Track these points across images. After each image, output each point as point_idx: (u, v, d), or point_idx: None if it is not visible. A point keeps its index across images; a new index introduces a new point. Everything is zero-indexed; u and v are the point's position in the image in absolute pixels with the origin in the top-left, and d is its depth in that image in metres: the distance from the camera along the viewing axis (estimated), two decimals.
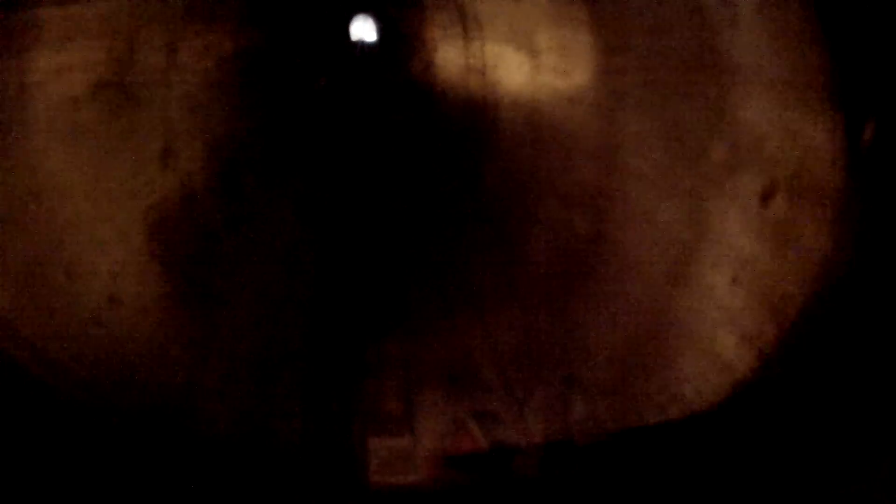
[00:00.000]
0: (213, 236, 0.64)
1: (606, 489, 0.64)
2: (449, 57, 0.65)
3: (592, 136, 0.66)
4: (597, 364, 0.65)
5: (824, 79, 0.68)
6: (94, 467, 0.61)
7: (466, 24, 0.65)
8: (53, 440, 0.61)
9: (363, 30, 0.64)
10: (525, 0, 0.65)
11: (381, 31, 0.64)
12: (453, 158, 0.65)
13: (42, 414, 0.61)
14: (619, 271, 0.66)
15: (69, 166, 0.63)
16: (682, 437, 0.65)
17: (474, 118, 0.65)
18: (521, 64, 0.65)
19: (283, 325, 0.63)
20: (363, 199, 0.64)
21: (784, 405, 0.67)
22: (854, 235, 0.69)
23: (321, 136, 0.64)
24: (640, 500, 0.65)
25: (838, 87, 0.68)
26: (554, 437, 0.64)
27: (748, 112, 0.66)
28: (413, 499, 0.64)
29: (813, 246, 0.67)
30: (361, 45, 0.64)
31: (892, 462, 0.64)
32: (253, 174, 0.64)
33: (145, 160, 0.63)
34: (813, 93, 0.68)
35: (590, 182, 0.65)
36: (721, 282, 0.66)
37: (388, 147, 0.64)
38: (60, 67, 0.62)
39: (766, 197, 0.66)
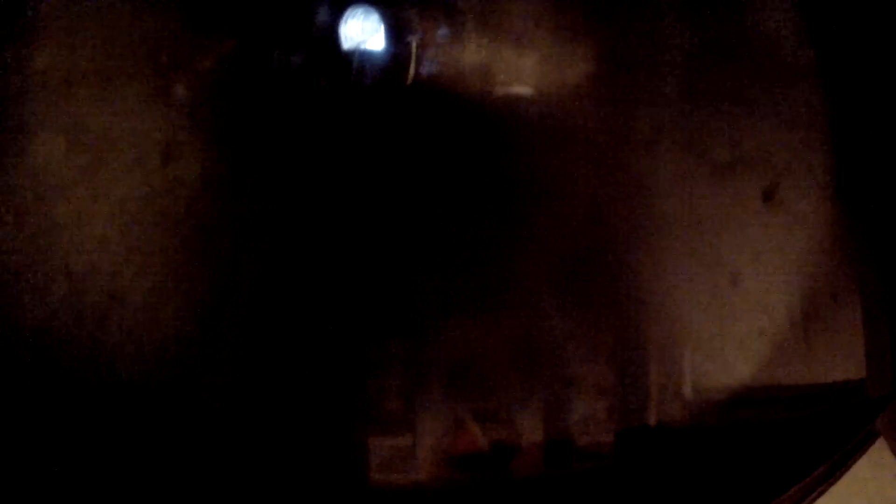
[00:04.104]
0: (214, 235, 0.64)
1: (606, 489, 0.65)
2: (451, 57, 0.65)
3: (594, 136, 0.66)
4: (597, 364, 0.65)
5: (824, 79, 0.68)
6: (98, 470, 0.61)
7: (469, 24, 0.65)
8: (54, 437, 0.61)
9: (364, 31, 0.64)
10: (528, 1, 0.65)
11: (384, 31, 0.64)
12: (454, 159, 0.65)
13: (42, 411, 0.61)
14: (619, 272, 0.66)
15: (69, 166, 0.63)
16: (681, 437, 0.65)
17: (475, 118, 0.65)
18: (523, 64, 0.65)
19: (284, 326, 0.63)
20: (364, 200, 0.64)
21: (783, 404, 0.67)
22: (854, 234, 0.69)
23: (322, 135, 0.64)
24: (641, 500, 0.65)
25: (838, 88, 0.68)
26: (554, 437, 0.64)
27: (749, 112, 0.66)
28: (413, 498, 0.64)
29: (813, 246, 0.68)
30: (360, 54, 0.64)
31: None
32: (253, 174, 0.64)
33: (146, 160, 0.63)
34: (813, 93, 0.68)
35: (591, 182, 0.66)
36: (721, 282, 0.66)
37: (389, 147, 0.64)
38: (62, 68, 0.62)
39: (766, 197, 0.66)
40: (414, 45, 0.64)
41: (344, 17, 0.64)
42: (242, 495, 0.62)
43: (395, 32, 0.64)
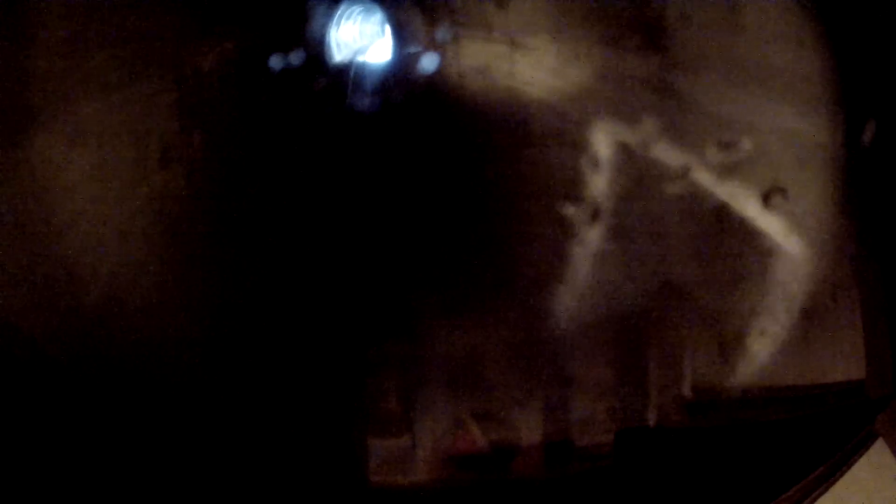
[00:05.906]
0: (214, 237, 0.64)
1: (606, 489, 0.65)
2: (450, 58, 0.65)
3: (593, 136, 0.66)
4: (597, 364, 0.65)
5: (824, 79, 0.68)
6: (98, 470, 0.61)
7: (467, 25, 0.65)
8: (54, 437, 0.61)
9: (362, 35, 0.64)
10: (526, 2, 0.65)
11: (386, 35, 0.64)
12: (452, 160, 0.65)
13: (42, 412, 0.62)
14: (617, 271, 0.66)
15: (70, 166, 0.63)
16: (681, 438, 0.65)
17: (474, 118, 0.65)
18: (521, 64, 0.65)
19: (284, 326, 0.64)
20: (364, 200, 0.64)
21: (783, 404, 0.67)
22: (854, 234, 0.69)
23: (321, 136, 0.64)
24: (641, 500, 0.65)
25: (838, 88, 0.68)
26: (554, 437, 0.64)
27: (748, 112, 0.66)
28: (413, 499, 0.64)
29: (813, 246, 0.68)
30: (356, 58, 0.64)
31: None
32: (253, 176, 0.64)
33: (145, 160, 0.63)
34: (813, 93, 0.68)
35: (588, 182, 0.66)
36: (721, 282, 0.66)
37: (388, 148, 0.64)
38: (62, 69, 0.62)
39: (766, 197, 0.66)
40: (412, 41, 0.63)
41: (336, 20, 0.64)
42: (243, 495, 0.62)
43: (397, 36, 0.64)
